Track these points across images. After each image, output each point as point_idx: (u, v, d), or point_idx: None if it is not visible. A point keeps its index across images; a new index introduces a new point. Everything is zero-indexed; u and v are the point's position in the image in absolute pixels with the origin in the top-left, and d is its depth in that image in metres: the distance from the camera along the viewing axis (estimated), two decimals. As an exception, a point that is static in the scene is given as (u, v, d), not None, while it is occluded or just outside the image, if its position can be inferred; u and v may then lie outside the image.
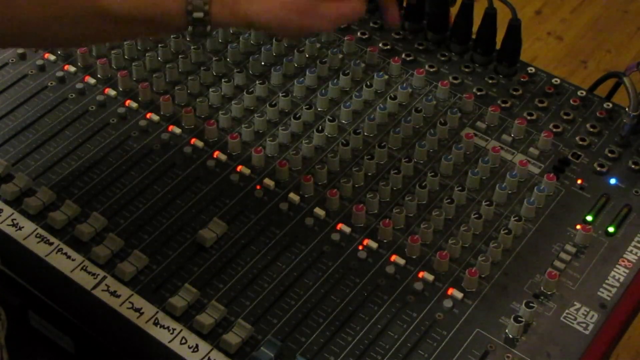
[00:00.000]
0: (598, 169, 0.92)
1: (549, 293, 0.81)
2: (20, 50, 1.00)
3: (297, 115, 0.94)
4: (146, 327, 0.77)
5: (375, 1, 0.96)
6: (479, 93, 0.99)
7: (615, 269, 0.83)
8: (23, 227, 0.84)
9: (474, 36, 1.03)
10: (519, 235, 0.85)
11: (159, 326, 0.77)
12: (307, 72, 0.99)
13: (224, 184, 0.89)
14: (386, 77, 0.99)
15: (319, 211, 0.86)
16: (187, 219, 0.85)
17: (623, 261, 0.84)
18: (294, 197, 0.87)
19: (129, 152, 0.91)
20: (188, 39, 0.99)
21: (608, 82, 1.01)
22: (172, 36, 1.01)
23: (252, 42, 1.03)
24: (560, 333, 0.78)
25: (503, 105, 0.98)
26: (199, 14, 0.82)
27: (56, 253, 0.82)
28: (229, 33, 1.03)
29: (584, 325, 0.79)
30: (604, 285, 0.82)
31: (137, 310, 0.78)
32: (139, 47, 1.01)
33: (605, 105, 0.99)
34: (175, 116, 0.95)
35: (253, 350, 0.76)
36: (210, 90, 0.96)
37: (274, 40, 1.02)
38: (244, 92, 0.96)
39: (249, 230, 0.85)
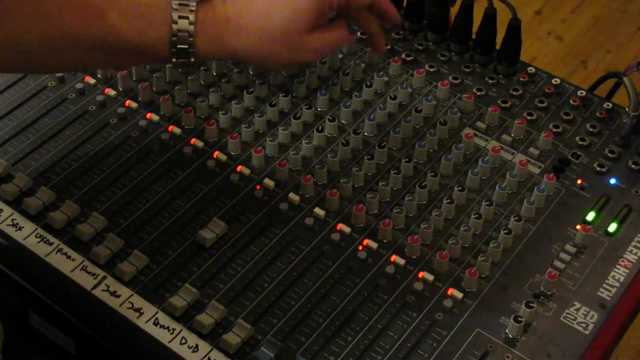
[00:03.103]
0: (598, 169, 0.92)
1: (549, 293, 0.81)
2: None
3: (297, 115, 0.94)
4: (146, 327, 0.77)
5: None
6: (479, 93, 0.99)
7: (615, 269, 0.83)
8: (23, 227, 0.84)
9: (474, 36, 1.03)
10: (519, 235, 0.85)
11: (159, 326, 0.77)
12: (307, 72, 0.99)
13: (224, 184, 0.89)
14: (386, 77, 0.99)
15: (319, 211, 0.86)
16: (187, 219, 0.85)
17: (623, 261, 0.84)
18: (294, 197, 0.87)
19: (129, 152, 0.91)
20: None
21: (608, 82, 1.01)
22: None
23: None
24: (560, 333, 0.78)
25: (503, 105, 0.98)
26: (183, 46, 0.82)
27: (56, 253, 0.82)
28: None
29: (584, 325, 0.79)
30: (604, 285, 0.82)
31: (137, 310, 0.78)
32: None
33: (605, 105, 0.99)
34: (175, 116, 0.95)
35: (253, 350, 0.76)
36: (210, 90, 0.96)
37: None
38: (244, 92, 0.96)
39: (249, 230, 0.85)
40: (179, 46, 0.82)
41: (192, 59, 0.83)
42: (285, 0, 0.85)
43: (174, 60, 0.83)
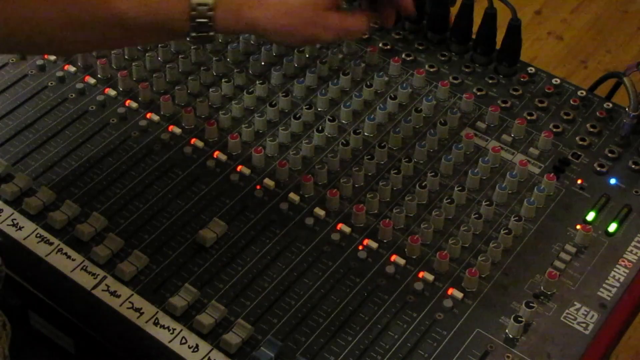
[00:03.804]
0: (598, 169, 0.92)
1: (549, 293, 0.81)
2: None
3: (297, 115, 0.94)
4: (146, 327, 0.77)
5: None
6: (479, 93, 0.99)
7: (615, 269, 0.83)
8: (23, 227, 0.84)
9: (474, 36, 1.03)
10: (519, 235, 0.85)
11: (159, 326, 0.77)
12: (307, 72, 0.99)
13: (224, 184, 0.89)
14: (386, 77, 0.99)
15: (319, 211, 0.86)
16: (187, 219, 0.85)
17: (623, 261, 0.84)
18: (294, 197, 0.87)
19: (129, 152, 0.91)
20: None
21: (608, 82, 1.01)
22: (172, 36, 1.01)
23: (252, 42, 1.03)
24: (560, 333, 0.78)
25: (503, 105, 0.97)
26: (203, 20, 0.82)
27: (56, 253, 0.82)
28: (229, 33, 1.03)
29: (584, 325, 0.79)
30: (604, 285, 0.82)
31: (137, 310, 0.78)
32: (139, 47, 1.01)
33: (605, 105, 0.99)
34: (175, 116, 0.95)
35: (253, 350, 0.76)
36: (210, 90, 0.96)
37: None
38: (244, 92, 0.96)
39: (249, 230, 0.85)
40: (198, 20, 0.82)
41: (212, 33, 0.84)
42: None
43: (193, 34, 0.83)
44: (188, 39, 0.85)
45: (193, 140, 0.92)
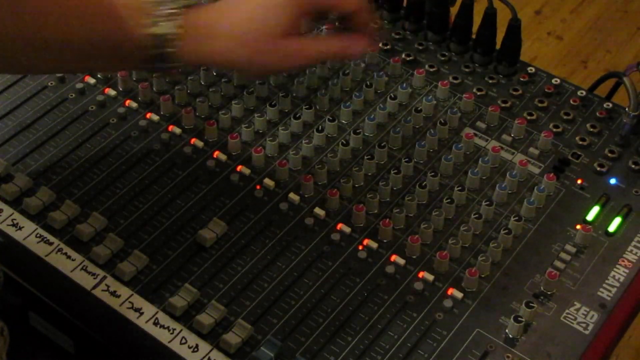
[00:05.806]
0: (598, 169, 0.92)
1: (549, 293, 0.81)
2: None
3: (297, 115, 0.94)
4: (146, 327, 0.77)
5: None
6: (479, 93, 0.99)
7: (615, 269, 0.83)
8: (23, 227, 0.84)
9: (474, 36, 1.03)
10: (519, 235, 0.85)
11: (159, 326, 0.77)
12: (307, 72, 0.98)
13: (224, 184, 0.89)
14: (386, 77, 0.99)
15: (319, 211, 0.86)
16: (187, 219, 0.85)
17: (623, 261, 0.84)
18: (294, 197, 0.87)
19: (129, 152, 0.91)
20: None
21: (608, 82, 1.01)
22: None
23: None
24: (560, 333, 0.78)
25: (503, 105, 0.97)
26: (161, 51, 0.81)
27: (56, 253, 0.82)
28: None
29: (584, 325, 0.79)
30: (604, 285, 0.82)
31: (137, 310, 0.78)
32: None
33: (605, 105, 0.99)
34: (175, 116, 0.95)
35: (253, 350, 0.76)
36: (210, 90, 0.96)
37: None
38: (244, 92, 0.96)
39: (249, 230, 0.85)
40: (159, 50, 0.81)
41: (171, 65, 0.82)
42: (259, 6, 0.85)
43: (150, 65, 0.82)
44: (148, 69, 0.83)
45: (193, 140, 0.92)
